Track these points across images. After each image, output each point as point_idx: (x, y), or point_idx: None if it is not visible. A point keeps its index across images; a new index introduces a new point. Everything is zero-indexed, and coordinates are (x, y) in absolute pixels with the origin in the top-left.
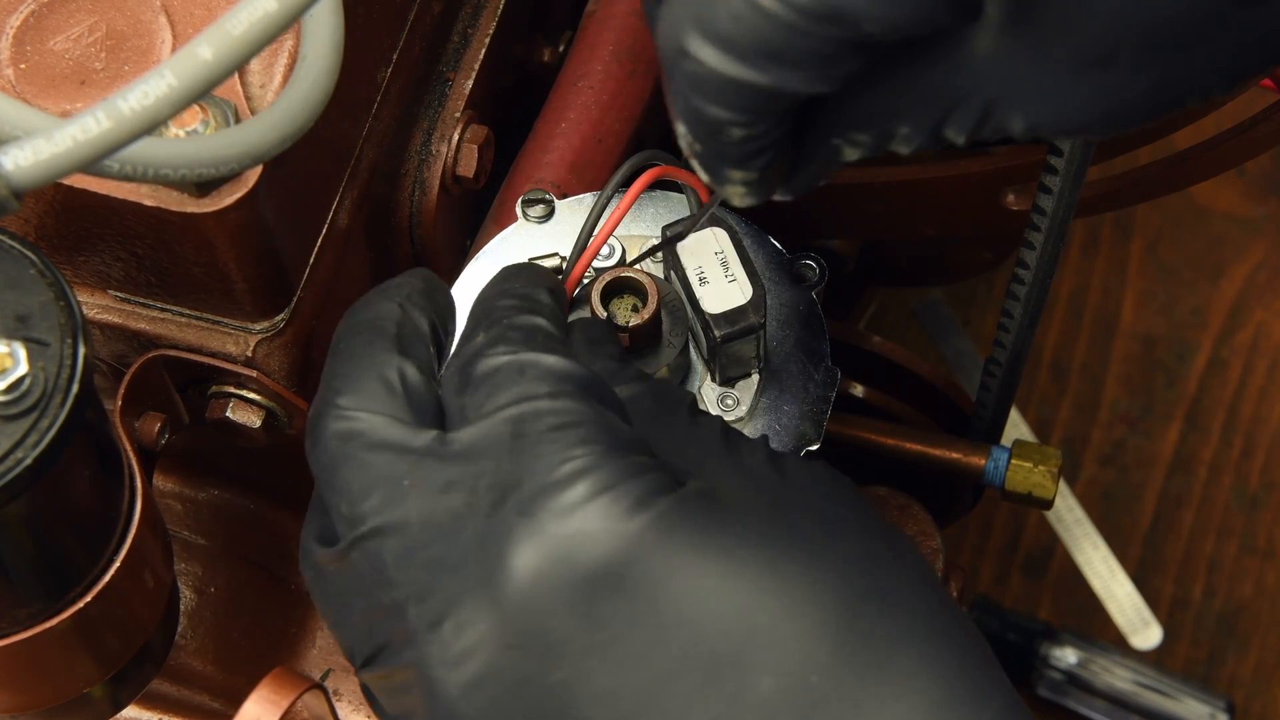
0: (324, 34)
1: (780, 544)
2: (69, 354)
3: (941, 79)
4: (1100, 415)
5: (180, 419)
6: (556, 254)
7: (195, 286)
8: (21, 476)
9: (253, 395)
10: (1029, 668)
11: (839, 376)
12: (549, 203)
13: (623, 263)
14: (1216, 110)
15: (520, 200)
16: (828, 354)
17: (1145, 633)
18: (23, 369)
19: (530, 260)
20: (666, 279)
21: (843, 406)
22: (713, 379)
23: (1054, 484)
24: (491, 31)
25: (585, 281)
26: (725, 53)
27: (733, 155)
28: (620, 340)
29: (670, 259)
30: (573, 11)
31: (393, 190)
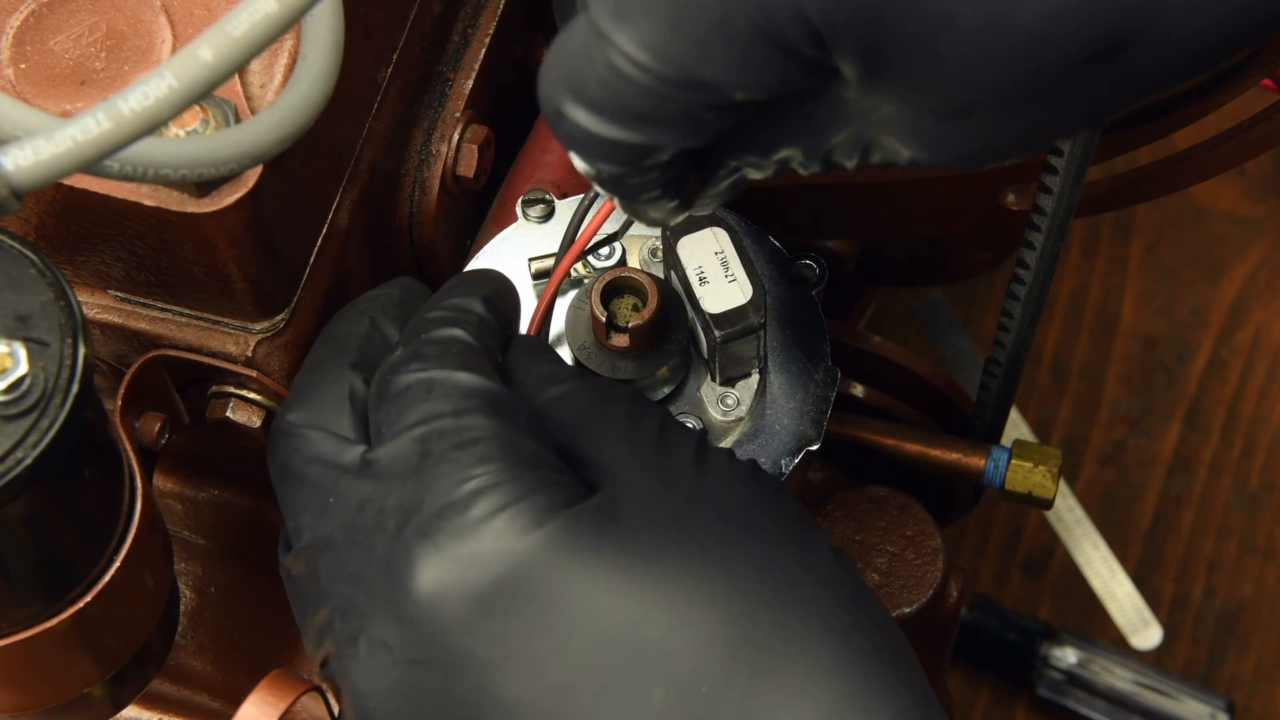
0: (324, 34)
1: (677, 554)
2: (69, 354)
3: (821, 119)
4: (1100, 415)
5: (180, 419)
6: (556, 254)
7: (195, 286)
8: (21, 476)
9: (253, 395)
10: (1029, 668)
11: (839, 376)
12: (549, 203)
13: (623, 263)
14: (1216, 110)
15: (520, 200)
16: (828, 354)
17: (1145, 633)
18: (23, 369)
19: (531, 258)
20: (666, 279)
21: (843, 406)
22: (713, 379)
23: (1054, 484)
24: (491, 31)
25: (585, 281)
26: (597, 116)
27: (632, 193)
28: (557, 355)
29: (670, 259)
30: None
31: (393, 190)
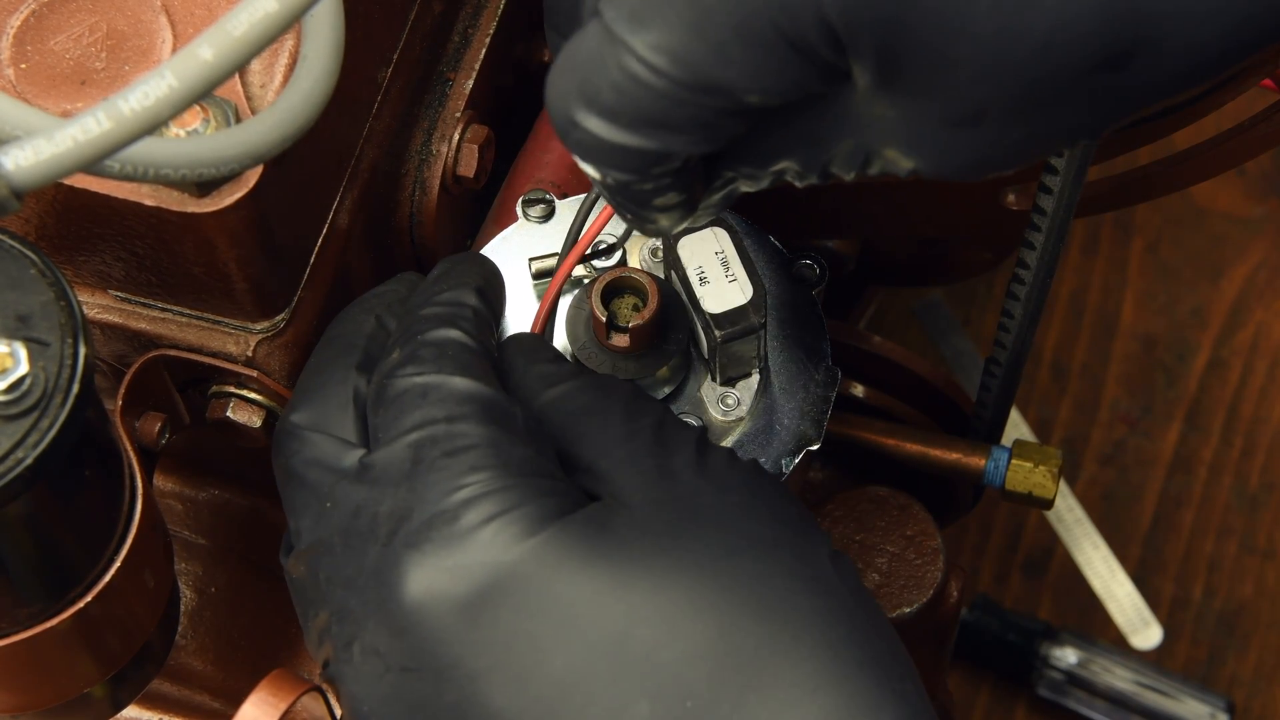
0: (324, 34)
1: (668, 565)
2: (69, 354)
3: (823, 128)
4: (1100, 415)
5: (180, 419)
6: (556, 254)
7: (195, 286)
8: (21, 476)
9: (253, 395)
10: (1029, 668)
11: (839, 376)
12: (549, 203)
13: (624, 263)
14: (1216, 110)
15: (520, 200)
16: (828, 354)
17: (1145, 633)
18: (23, 369)
19: (531, 258)
20: (666, 279)
21: (843, 406)
22: (713, 379)
23: (1054, 484)
24: (492, 31)
25: (586, 281)
26: (611, 123)
27: (642, 199)
28: (556, 352)
29: (671, 259)
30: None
31: (393, 190)
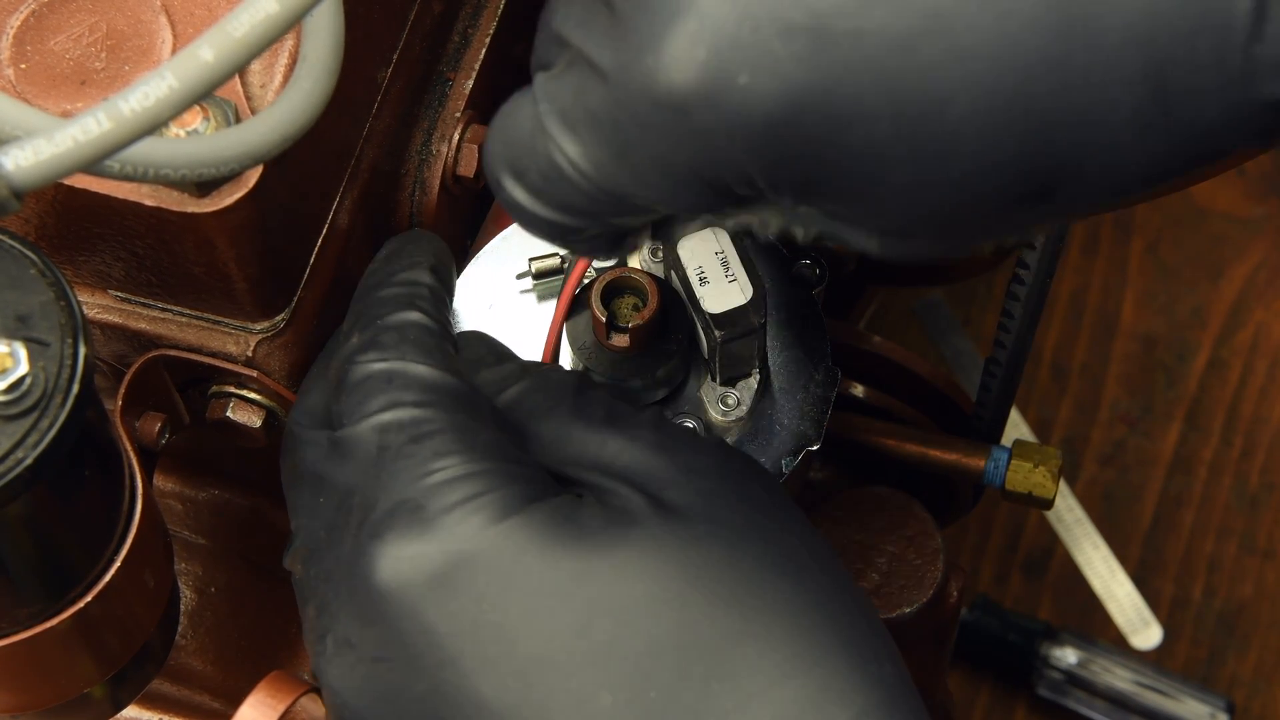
0: (324, 34)
1: (630, 555)
2: (69, 354)
3: (759, 213)
4: (1100, 415)
5: (180, 419)
6: (556, 254)
7: (195, 286)
8: (21, 476)
9: (253, 395)
10: (1029, 668)
11: (839, 376)
12: None
13: (623, 263)
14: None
15: None
16: (828, 354)
17: (1145, 633)
18: (23, 369)
19: (531, 258)
20: (666, 279)
21: (843, 406)
22: (713, 379)
23: (1054, 484)
24: (492, 31)
25: (585, 281)
26: (534, 199)
27: (570, 247)
28: (501, 348)
29: (670, 259)
30: None
31: (393, 190)
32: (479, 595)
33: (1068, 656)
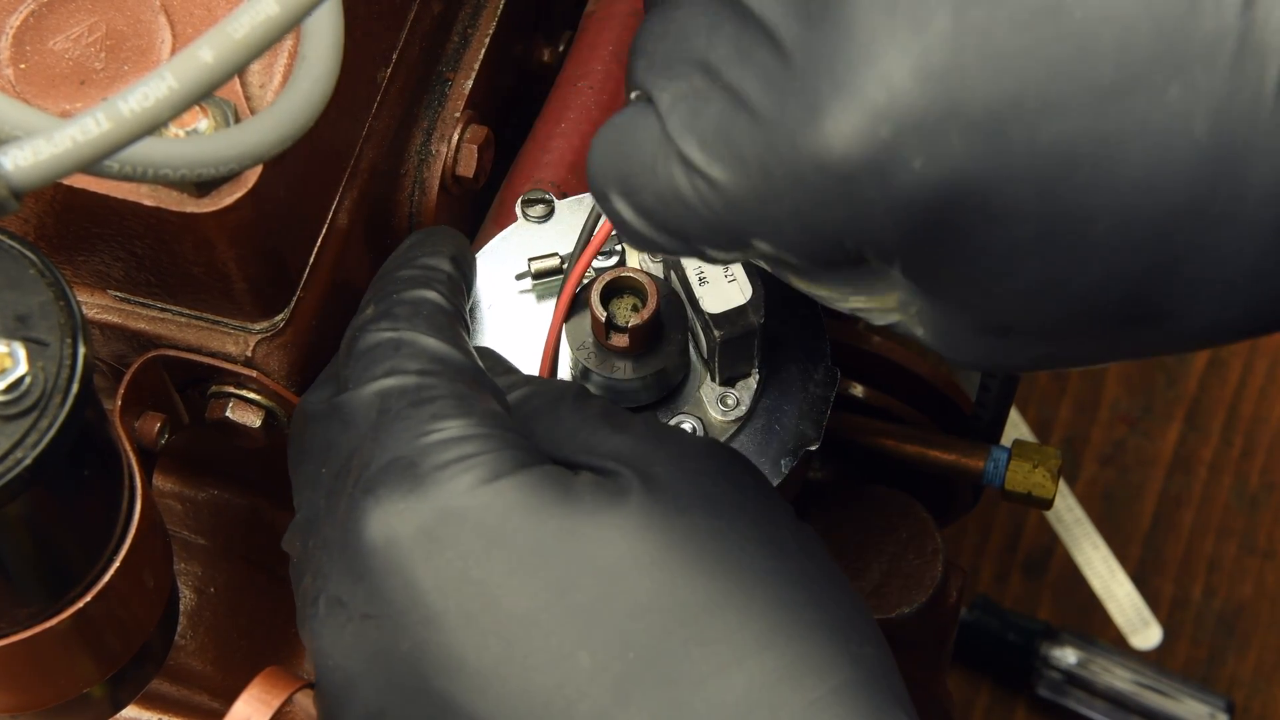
0: (324, 34)
1: (615, 520)
2: (69, 354)
3: (850, 282)
4: (1100, 415)
5: (180, 419)
6: (556, 254)
7: (195, 286)
8: (21, 476)
9: (252, 395)
10: (1029, 668)
11: (839, 376)
12: (549, 203)
13: (623, 263)
14: None
15: (520, 200)
16: (828, 354)
17: (1145, 633)
18: (22, 369)
19: (531, 258)
20: (666, 279)
21: (843, 406)
22: (712, 379)
23: (1054, 484)
24: (491, 31)
25: (585, 281)
26: (644, 220)
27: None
28: (507, 363)
29: (671, 259)
30: (573, 11)
31: (392, 190)
32: (465, 552)
33: (1067, 656)
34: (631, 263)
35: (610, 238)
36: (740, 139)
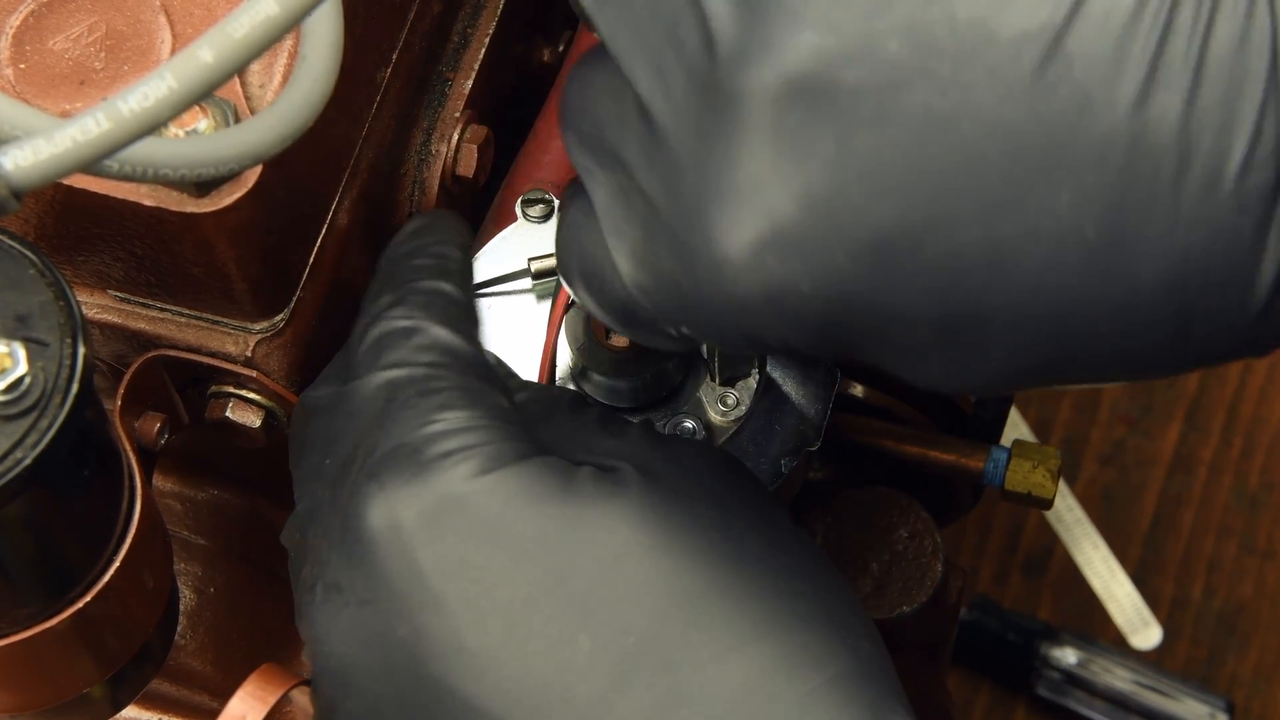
0: (324, 34)
1: (616, 509)
2: (69, 354)
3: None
4: (1100, 415)
5: (180, 419)
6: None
7: (195, 286)
8: (21, 476)
9: (252, 395)
10: (1029, 668)
11: (839, 376)
12: (549, 203)
13: None
14: None
15: (520, 200)
16: None
17: (1145, 633)
18: (22, 369)
19: (531, 258)
20: None
21: (843, 406)
22: (712, 379)
23: (1054, 484)
24: (491, 31)
25: None
26: (606, 311)
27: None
28: (507, 368)
29: None
30: (573, 11)
31: (392, 190)
32: (466, 537)
33: (1067, 656)
34: None
35: None
36: (659, 252)
